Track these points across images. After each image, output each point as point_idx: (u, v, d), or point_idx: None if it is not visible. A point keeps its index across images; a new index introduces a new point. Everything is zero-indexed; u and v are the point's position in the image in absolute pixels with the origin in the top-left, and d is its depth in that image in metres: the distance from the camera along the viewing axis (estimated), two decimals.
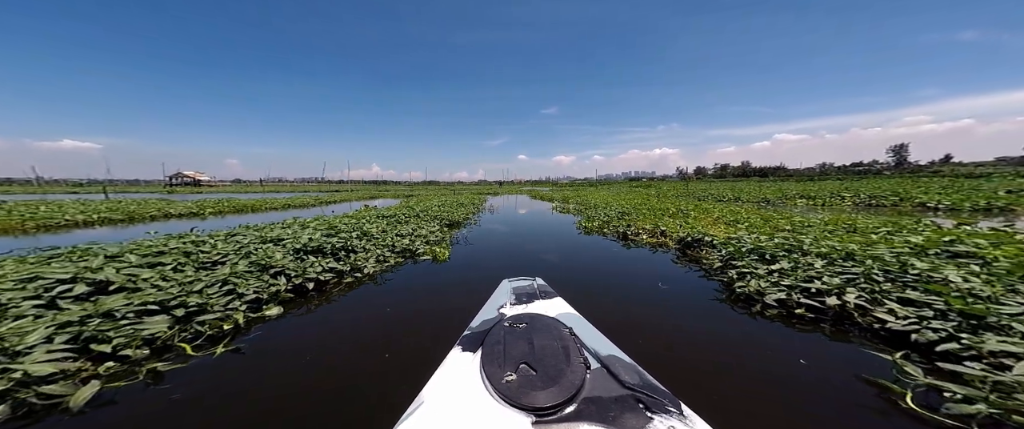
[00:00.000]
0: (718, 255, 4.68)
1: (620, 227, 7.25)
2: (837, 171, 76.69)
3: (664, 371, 1.51)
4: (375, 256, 4.77)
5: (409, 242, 5.72)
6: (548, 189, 40.96)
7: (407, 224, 7.31)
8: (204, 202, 15.24)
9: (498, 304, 2.05)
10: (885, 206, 12.20)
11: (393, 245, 5.40)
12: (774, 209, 11.16)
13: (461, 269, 4.89)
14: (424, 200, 16.07)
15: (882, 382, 2.00)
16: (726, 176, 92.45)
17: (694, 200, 15.38)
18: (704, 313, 3.22)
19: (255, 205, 15.76)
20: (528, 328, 1.59)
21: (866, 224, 6.03)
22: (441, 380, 1.35)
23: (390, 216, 8.31)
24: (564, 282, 3.74)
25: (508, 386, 1.21)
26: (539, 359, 1.35)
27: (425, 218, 8.79)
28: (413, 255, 5.39)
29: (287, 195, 26.58)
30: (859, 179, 35.78)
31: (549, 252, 5.99)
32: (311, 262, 3.98)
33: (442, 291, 4.01)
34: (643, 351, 2.38)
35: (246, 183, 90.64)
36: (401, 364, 2.31)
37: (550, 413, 1.11)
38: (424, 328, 2.93)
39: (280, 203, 17.33)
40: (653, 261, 5.16)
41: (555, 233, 7.99)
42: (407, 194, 26.70)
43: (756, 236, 5.13)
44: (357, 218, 7.48)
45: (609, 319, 2.78)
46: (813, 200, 14.35)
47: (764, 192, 18.06)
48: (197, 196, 24.29)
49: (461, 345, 1.57)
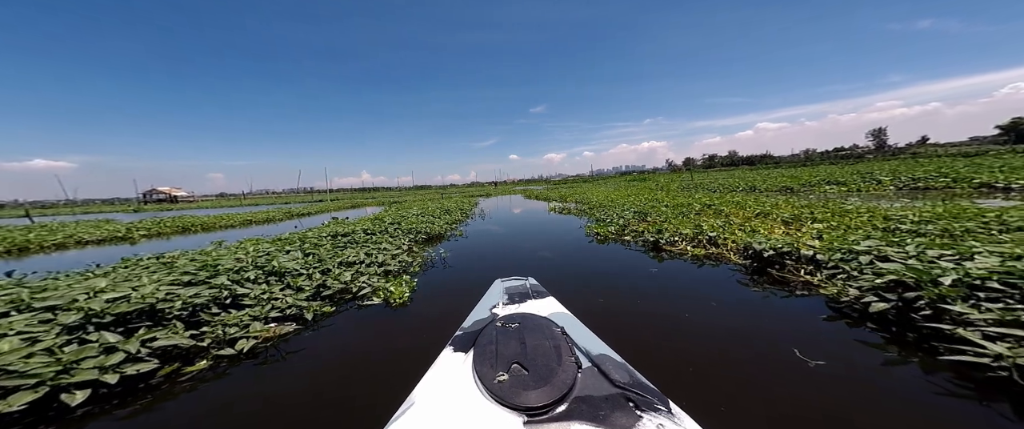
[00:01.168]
0: (846, 277, 2.90)
1: (647, 233, 5.47)
2: (821, 156, 76.30)
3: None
4: (273, 311, 2.90)
5: (352, 276, 3.85)
6: (542, 188, 39.32)
7: (362, 246, 5.44)
8: (142, 223, 13.11)
9: (490, 304, 2.02)
10: (936, 189, 10.54)
11: (321, 284, 3.53)
12: (805, 198, 9.48)
13: (426, 318, 3.06)
14: (404, 208, 14.11)
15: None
16: (715, 166, 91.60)
17: (706, 192, 13.73)
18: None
19: (207, 223, 13.68)
20: (520, 328, 1.55)
21: (984, 215, 4.34)
22: (432, 380, 1.32)
23: (345, 234, 6.41)
24: (608, 331, 1.92)
25: (500, 386, 1.18)
26: (531, 359, 1.32)
27: (397, 232, 6.91)
28: (355, 297, 3.53)
29: (249, 209, 24.31)
30: (847, 163, 34.66)
31: (560, 273, 4.19)
32: (110, 344, 2.10)
33: (386, 369, 2.23)
34: None
35: (230, 197, 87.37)
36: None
37: (542, 412, 1.09)
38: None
39: (240, 219, 15.24)
40: (720, 287, 3.37)
41: (562, 244, 6.17)
42: (394, 201, 24.65)
43: (873, 241, 3.37)
44: (288, 242, 5.56)
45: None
46: (844, 186, 12.67)
47: (782, 180, 16.34)
48: (168, 213, 22.31)
49: (453, 345, 1.53)
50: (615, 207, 9.40)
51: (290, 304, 3.00)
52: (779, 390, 1.86)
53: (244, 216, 16.21)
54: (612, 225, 6.73)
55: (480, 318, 1.80)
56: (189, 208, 34.76)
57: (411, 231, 7.16)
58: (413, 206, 14.68)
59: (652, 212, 7.66)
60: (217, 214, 18.67)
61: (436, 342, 1.90)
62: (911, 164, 19.02)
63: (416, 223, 8.12)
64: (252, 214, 17.45)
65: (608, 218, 7.72)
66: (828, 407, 1.71)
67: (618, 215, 7.78)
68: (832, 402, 1.74)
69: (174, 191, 68.36)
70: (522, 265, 4.74)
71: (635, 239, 5.65)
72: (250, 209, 24.79)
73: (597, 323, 1.81)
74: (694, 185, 19.13)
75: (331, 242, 5.56)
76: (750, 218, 6.18)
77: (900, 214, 4.98)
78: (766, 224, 5.41)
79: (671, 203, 8.86)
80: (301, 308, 3.00)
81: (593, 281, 3.90)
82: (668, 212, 7.47)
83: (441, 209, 12.42)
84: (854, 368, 2.01)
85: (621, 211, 8.27)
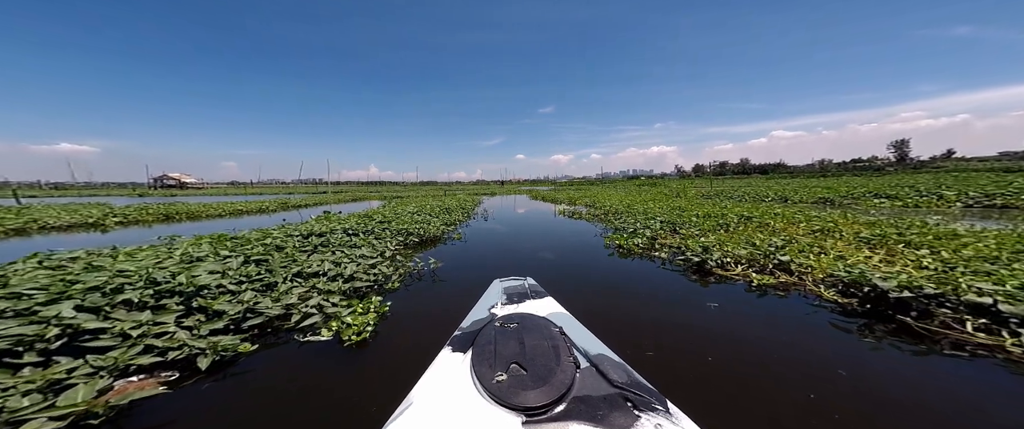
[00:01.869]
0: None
1: (687, 250, 4.38)
2: (837, 167, 73.88)
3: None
4: (146, 355, 1.87)
5: (301, 296, 2.83)
6: (549, 188, 38.07)
7: (334, 250, 4.42)
8: (128, 208, 12.27)
9: (489, 304, 1.99)
10: (1017, 208, 9.17)
11: (250, 309, 2.51)
12: (853, 213, 8.26)
13: (389, 367, 2.05)
14: (403, 204, 13.10)
15: None
16: (726, 173, 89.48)
17: (731, 201, 12.55)
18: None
19: (194, 211, 12.82)
20: (519, 328, 1.54)
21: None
22: (431, 380, 1.30)
23: (320, 234, 5.41)
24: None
25: (498, 386, 1.18)
26: (530, 359, 1.30)
27: (385, 234, 5.90)
28: (296, 329, 2.51)
29: (250, 198, 23.50)
30: (868, 176, 32.78)
31: (578, 296, 3.13)
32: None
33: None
34: None
35: (241, 185, 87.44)
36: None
37: (540, 412, 1.08)
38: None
39: (231, 208, 14.38)
40: (820, 335, 2.28)
41: (577, 255, 5.10)
42: (396, 196, 23.70)
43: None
44: (242, 242, 4.56)
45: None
46: (897, 200, 11.25)
47: (817, 191, 14.82)
48: (169, 199, 21.75)
49: (451, 345, 1.52)
50: (634, 214, 8.28)
51: (182, 343, 1.98)
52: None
53: (236, 205, 15.34)
54: (638, 236, 5.64)
55: (479, 318, 1.78)
56: (195, 195, 34.28)
57: (401, 232, 6.14)
58: (411, 203, 13.62)
59: (681, 222, 6.55)
60: (211, 202, 17.85)
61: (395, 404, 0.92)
62: (964, 178, 17.40)
63: (409, 223, 7.10)
64: (245, 204, 16.58)
65: (629, 227, 6.63)
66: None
67: (642, 225, 6.68)
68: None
69: (184, 177, 68.62)
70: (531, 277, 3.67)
71: (670, 257, 4.56)
72: (252, 198, 24.03)
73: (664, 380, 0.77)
74: (714, 193, 17.88)
75: (298, 244, 4.55)
76: (811, 236, 5.06)
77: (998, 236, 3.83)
78: (839, 245, 4.30)
79: (699, 213, 7.72)
80: (197, 350, 1.97)
81: (630, 312, 2.84)
82: (701, 223, 6.36)
83: (441, 207, 11.38)
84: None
85: (644, 220, 7.16)
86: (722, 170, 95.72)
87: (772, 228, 5.76)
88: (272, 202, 18.28)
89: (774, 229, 5.67)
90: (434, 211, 9.83)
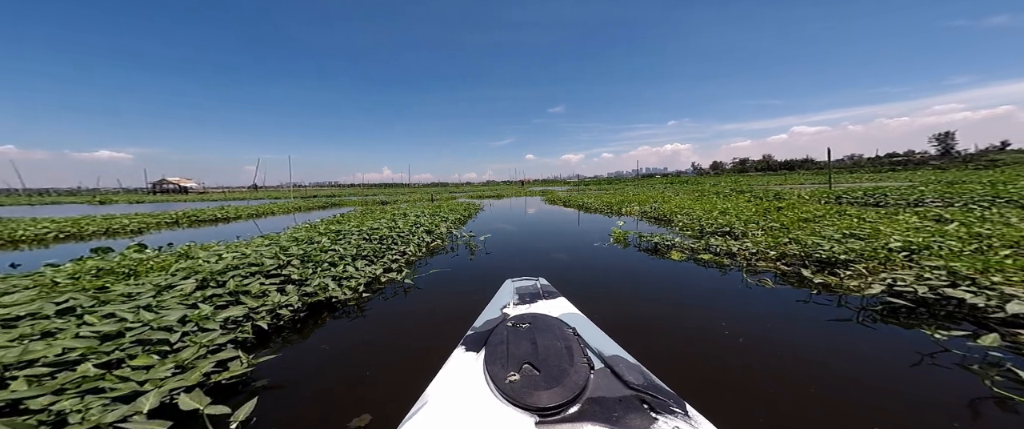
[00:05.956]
0: None
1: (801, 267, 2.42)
2: (869, 163, 68.84)
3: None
4: None
5: None
6: (565, 189, 32.51)
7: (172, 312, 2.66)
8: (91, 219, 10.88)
9: (501, 304, 1.98)
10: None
11: None
12: (897, 214, 6.02)
13: None
14: (369, 217, 8.28)
15: None
16: (748, 170, 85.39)
17: (779, 200, 10.42)
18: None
19: (160, 219, 11.39)
20: (531, 328, 1.54)
21: None
22: (445, 380, 1.31)
23: None
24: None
25: (511, 386, 1.17)
26: (542, 359, 1.30)
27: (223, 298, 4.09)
28: None
29: (245, 203, 21.99)
30: (904, 170, 29.05)
31: None
32: None
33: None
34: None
35: (263, 189, 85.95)
36: None
37: (554, 413, 1.07)
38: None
39: (208, 214, 12.98)
40: None
41: None
42: (383, 201, 22.09)
43: None
44: None
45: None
46: None
47: (881, 190, 12.07)
48: (153, 206, 20.85)
49: (464, 345, 1.52)
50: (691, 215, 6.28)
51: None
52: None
53: (211, 211, 13.93)
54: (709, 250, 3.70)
55: (491, 318, 1.77)
56: (190, 200, 33.24)
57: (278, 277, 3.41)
58: (384, 216, 8.16)
59: (748, 227, 4.59)
60: (187, 208, 16.20)
61: None
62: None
63: (355, 247, 4.34)
64: (222, 209, 15.20)
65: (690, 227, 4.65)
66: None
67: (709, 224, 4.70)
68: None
69: (183, 181, 67.03)
70: None
71: (790, 280, 2.64)
72: (250, 202, 22.75)
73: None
74: (737, 188, 15.64)
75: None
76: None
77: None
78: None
79: (776, 219, 5.67)
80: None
81: None
82: (773, 230, 4.39)
83: (410, 223, 6.99)
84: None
85: (706, 221, 5.15)
86: (743, 167, 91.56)
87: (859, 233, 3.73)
88: (247, 209, 16.75)
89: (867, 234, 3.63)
90: (402, 227, 6.23)
